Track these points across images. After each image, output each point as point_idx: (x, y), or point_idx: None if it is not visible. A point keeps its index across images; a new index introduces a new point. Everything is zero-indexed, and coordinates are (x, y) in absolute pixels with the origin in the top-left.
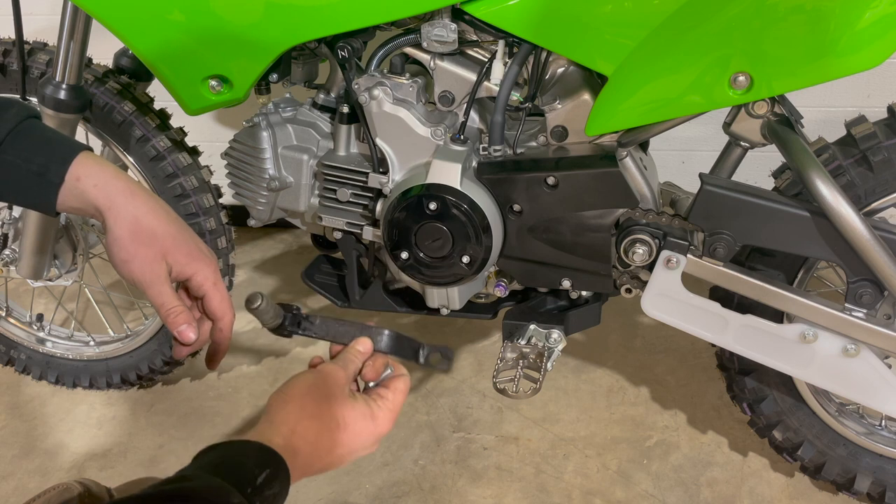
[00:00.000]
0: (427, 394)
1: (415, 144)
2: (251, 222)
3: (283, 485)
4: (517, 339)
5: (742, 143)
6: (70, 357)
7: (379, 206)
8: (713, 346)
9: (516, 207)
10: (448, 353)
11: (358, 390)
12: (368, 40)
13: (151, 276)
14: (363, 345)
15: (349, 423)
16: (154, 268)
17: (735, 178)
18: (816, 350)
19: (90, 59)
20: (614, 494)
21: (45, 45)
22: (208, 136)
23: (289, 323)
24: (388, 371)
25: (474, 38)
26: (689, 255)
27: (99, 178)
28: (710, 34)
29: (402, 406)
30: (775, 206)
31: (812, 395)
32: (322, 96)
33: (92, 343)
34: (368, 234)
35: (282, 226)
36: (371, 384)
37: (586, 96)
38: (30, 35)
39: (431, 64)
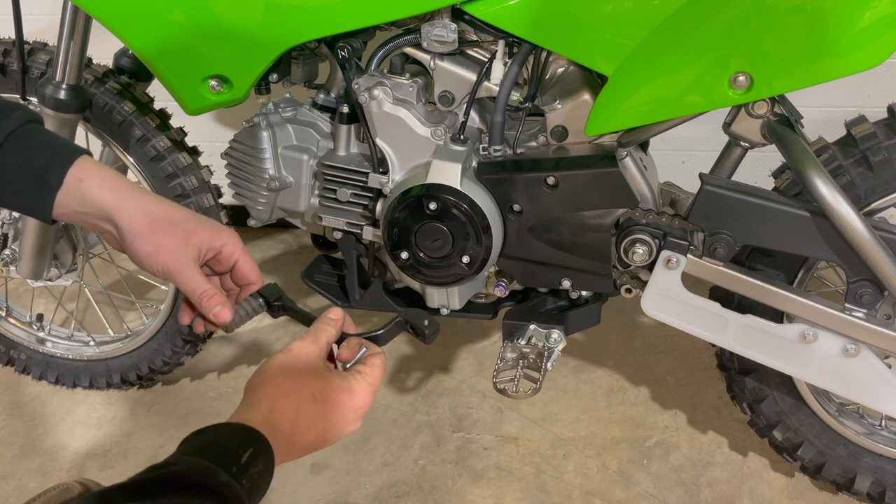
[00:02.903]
0: (427, 394)
1: (415, 144)
2: (251, 222)
3: (268, 462)
4: (517, 339)
5: (742, 143)
6: (70, 357)
7: (379, 206)
8: (713, 346)
9: (516, 207)
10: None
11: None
12: (368, 40)
13: (180, 262)
14: (334, 313)
15: (327, 396)
16: (181, 254)
17: (735, 178)
18: (816, 350)
19: (90, 59)
20: (614, 494)
21: (45, 45)
22: (208, 136)
23: (269, 310)
24: (363, 350)
25: (474, 38)
26: (689, 255)
27: (102, 179)
28: (710, 34)
29: (380, 381)
30: (775, 206)
31: (812, 395)
32: (322, 96)
33: (92, 343)
34: (368, 234)
35: (282, 226)
36: (347, 365)
37: (586, 96)
38: (30, 35)
39: (431, 64)
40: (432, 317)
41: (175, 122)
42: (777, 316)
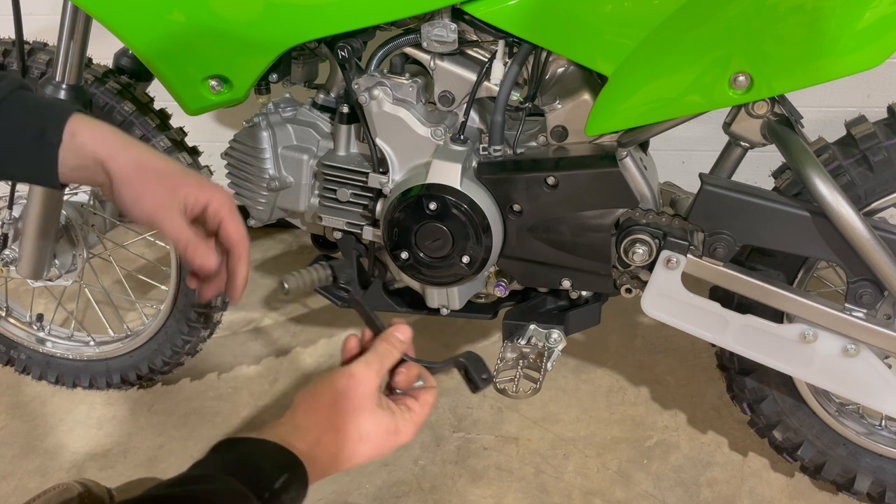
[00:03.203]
0: None
1: (415, 144)
2: (251, 222)
3: (300, 490)
4: (517, 339)
5: (742, 143)
6: (70, 357)
7: (379, 206)
8: (713, 346)
9: (516, 207)
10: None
11: (389, 394)
12: (368, 40)
13: (164, 209)
14: (402, 332)
15: (372, 436)
16: (166, 200)
17: (735, 178)
18: (816, 350)
19: (90, 59)
20: (614, 494)
21: (45, 45)
22: (208, 136)
23: (334, 288)
24: (420, 382)
25: (474, 38)
26: (689, 255)
27: (95, 132)
28: (710, 34)
29: (425, 419)
30: (775, 206)
31: (812, 395)
32: (322, 96)
33: (92, 343)
34: (368, 234)
35: (282, 226)
36: (399, 391)
37: (586, 96)
38: (30, 35)
39: (431, 64)
40: (490, 371)
41: (175, 122)
42: (777, 316)
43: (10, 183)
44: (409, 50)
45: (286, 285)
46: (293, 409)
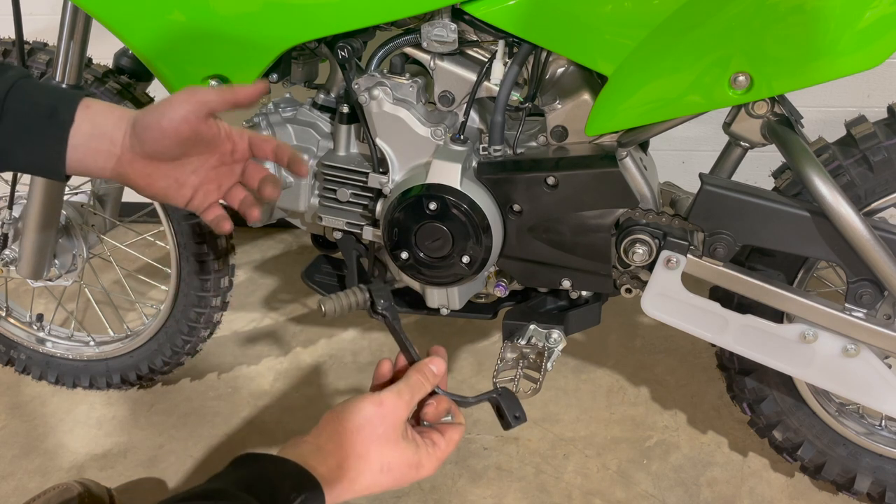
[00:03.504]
0: None
1: (415, 144)
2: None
3: None
4: (517, 339)
5: (742, 143)
6: (70, 357)
7: (379, 206)
8: (713, 346)
9: (516, 207)
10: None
11: (416, 425)
12: (368, 40)
13: (193, 114)
14: (437, 365)
15: (393, 468)
16: (197, 106)
17: (735, 178)
18: (816, 350)
19: (90, 59)
20: (614, 494)
21: (45, 45)
22: None
23: (371, 312)
24: (449, 417)
25: (474, 38)
26: (689, 255)
27: (107, 107)
28: (709, 34)
29: (448, 456)
30: (775, 206)
31: (812, 395)
32: (322, 96)
33: (92, 343)
34: (368, 234)
35: (282, 226)
36: (426, 423)
37: (586, 96)
38: (30, 35)
39: (431, 64)
40: (523, 410)
41: None
42: (777, 316)
43: (10, 183)
44: (409, 50)
45: (323, 308)
46: (318, 429)
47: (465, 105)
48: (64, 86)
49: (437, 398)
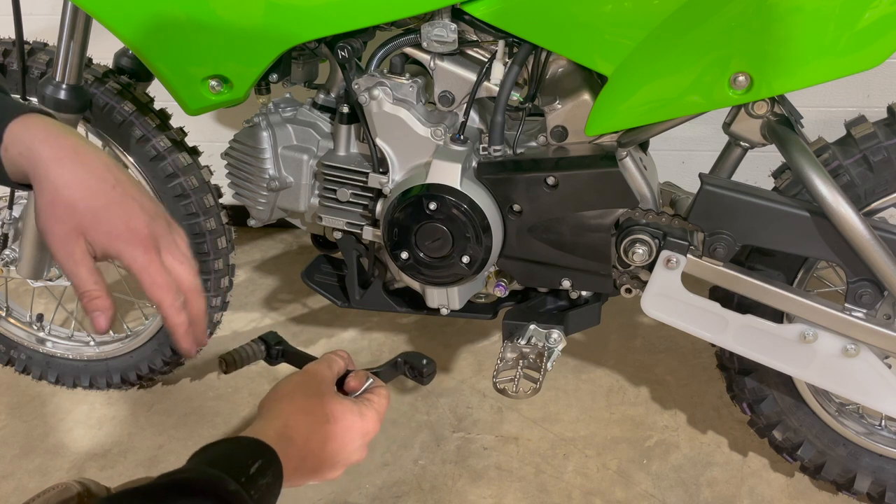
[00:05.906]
0: (427, 394)
1: (415, 144)
2: (251, 222)
3: (276, 475)
4: (517, 339)
5: (742, 143)
6: (70, 357)
7: (379, 206)
8: (713, 346)
9: (516, 207)
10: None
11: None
12: (368, 40)
13: (64, 254)
14: (341, 351)
15: (338, 416)
16: (68, 246)
17: (735, 178)
18: (816, 350)
19: (90, 59)
20: (614, 494)
21: (45, 45)
22: (208, 136)
23: (267, 357)
24: (370, 381)
25: (474, 38)
26: (688, 255)
27: (24, 146)
28: (709, 34)
29: (385, 410)
30: (775, 206)
31: (812, 395)
32: (322, 96)
33: (92, 343)
34: (368, 234)
35: (282, 226)
36: (355, 394)
37: (586, 96)
38: (30, 35)
39: (431, 64)
40: (430, 358)
41: (175, 122)
42: (777, 316)
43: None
44: (409, 50)
45: (224, 366)
46: (259, 409)
47: (465, 105)
48: (63, 87)
49: (353, 373)
